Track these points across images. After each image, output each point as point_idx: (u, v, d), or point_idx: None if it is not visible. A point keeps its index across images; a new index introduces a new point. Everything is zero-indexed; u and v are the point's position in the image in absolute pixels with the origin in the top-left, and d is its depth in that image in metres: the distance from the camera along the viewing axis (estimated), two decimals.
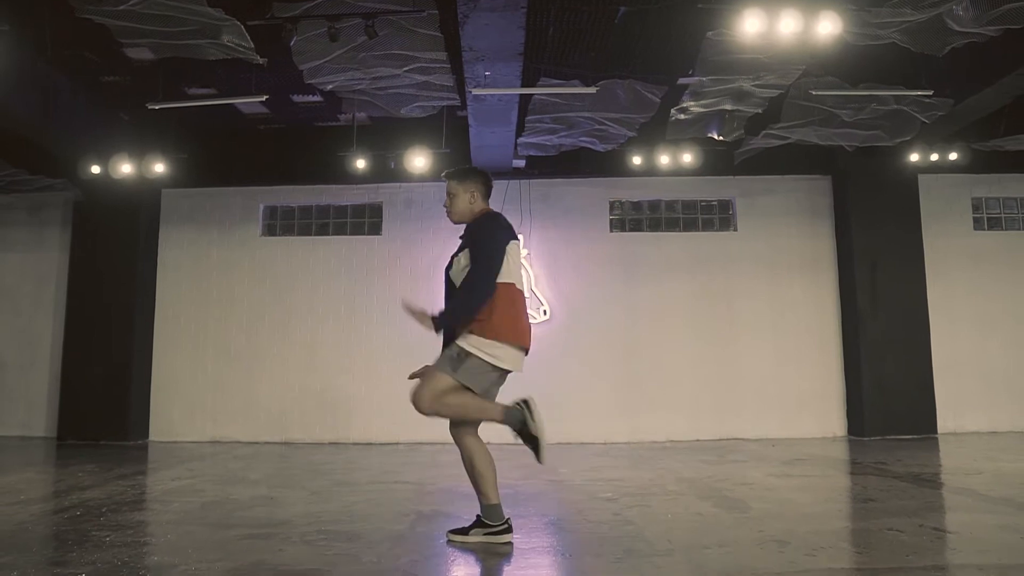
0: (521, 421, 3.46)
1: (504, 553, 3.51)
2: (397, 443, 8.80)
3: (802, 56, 5.77)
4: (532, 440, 3.47)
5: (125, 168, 7.97)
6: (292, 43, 5.36)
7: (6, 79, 6.46)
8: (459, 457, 3.68)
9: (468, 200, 3.73)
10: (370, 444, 8.79)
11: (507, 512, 3.68)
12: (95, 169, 7.98)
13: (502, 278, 3.51)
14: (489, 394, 3.57)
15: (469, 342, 3.47)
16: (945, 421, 8.91)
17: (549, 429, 3.53)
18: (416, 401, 3.49)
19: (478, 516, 3.66)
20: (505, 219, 3.74)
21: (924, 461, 6.77)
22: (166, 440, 9.17)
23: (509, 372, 3.59)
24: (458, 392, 3.47)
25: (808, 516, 4.39)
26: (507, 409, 3.49)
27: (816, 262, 9.45)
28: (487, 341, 3.46)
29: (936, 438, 8.66)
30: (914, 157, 8.18)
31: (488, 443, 3.69)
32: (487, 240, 3.57)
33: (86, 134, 7.98)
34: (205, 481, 6.01)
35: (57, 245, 9.60)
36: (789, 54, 5.71)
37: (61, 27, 6.20)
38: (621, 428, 9.09)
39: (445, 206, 3.80)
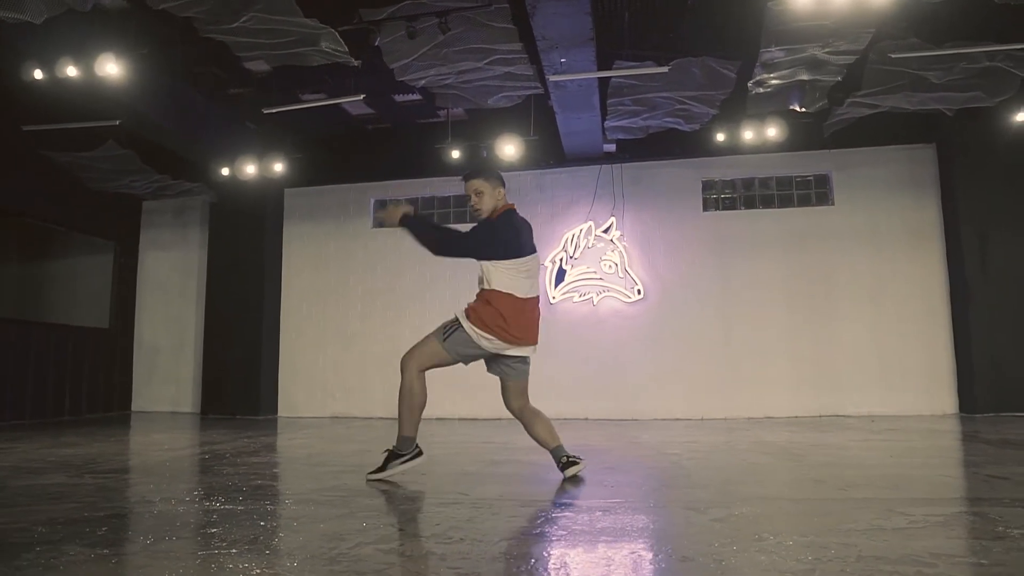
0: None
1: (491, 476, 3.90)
2: (499, 419, 9.30)
3: (868, 17, 5.75)
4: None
5: (250, 169, 8.94)
6: (377, 43, 5.96)
7: (152, 97, 7.51)
8: (561, 428, 4.23)
9: (496, 197, 4.13)
10: (475, 419, 9.35)
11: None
12: (225, 171, 9.01)
13: (503, 288, 3.99)
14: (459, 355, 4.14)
15: (467, 323, 4.05)
16: None
17: (644, 405, 3.99)
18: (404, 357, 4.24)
19: (388, 451, 4.18)
20: (520, 221, 4.12)
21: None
22: (292, 416, 10.13)
23: (493, 352, 4.08)
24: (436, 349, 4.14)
25: (863, 466, 4.48)
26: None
27: (920, 234, 9.13)
28: (478, 331, 4.02)
29: None
30: (1021, 116, 7.80)
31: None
32: (490, 236, 4.01)
33: (217, 142, 9.02)
34: (317, 440, 6.74)
35: (198, 242, 10.84)
36: (853, 17, 5.72)
37: (191, 48, 7.14)
38: (717, 404, 9.18)
39: (473, 205, 4.14)
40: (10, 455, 5.42)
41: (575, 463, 3.98)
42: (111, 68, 6.22)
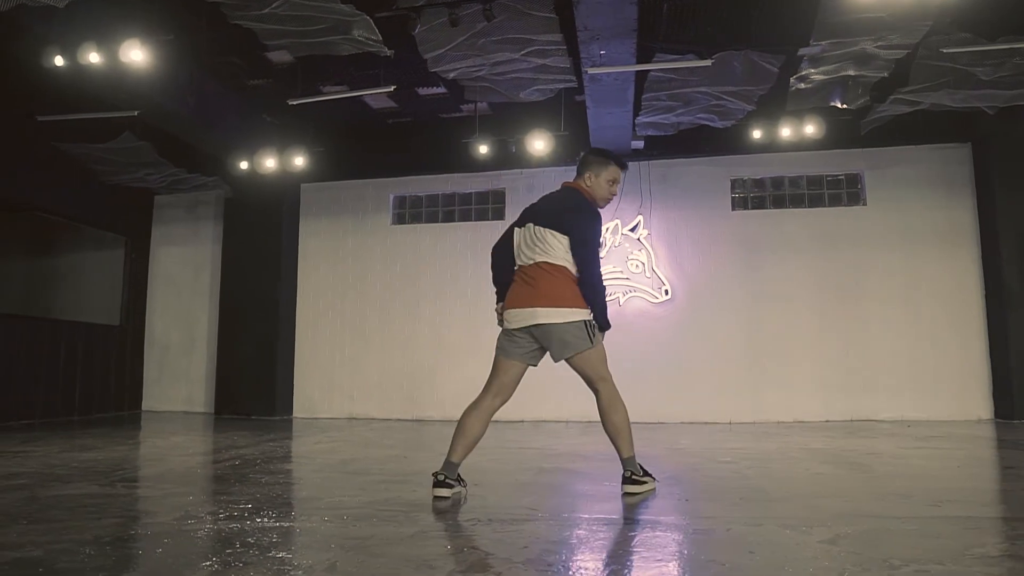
0: None
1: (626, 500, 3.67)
2: (522, 420, 9.08)
3: (928, 10, 5.53)
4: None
5: (269, 163, 8.68)
6: (416, 32, 5.72)
7: (172, 86, 7.24)
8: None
9: None
10: (495, 421, 9.08)
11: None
12: (243, 165, 8.75)
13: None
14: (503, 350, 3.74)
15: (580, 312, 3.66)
16: None
17: (671, 408, 3.71)
18: None
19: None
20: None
21: None
22: (308, 416, 9.88)
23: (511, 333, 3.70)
24: None
25: (936, 477, 4.27)
26: None
27: (955, 235, 8.93)
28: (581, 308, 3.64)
29: None
30: None
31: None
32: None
33: (234, 134, 8.76)
34: (344, 444, 6.50)
35: (211, 238, 10.57)
36: (914, 9, 5.50)
37: (213, 36, 6.88)
38: (746, 408, 8.96)
39: (615, 194, 3.89)
40: (30, 460, 5.16)
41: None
42: (136, 55, 5.96)
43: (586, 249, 3.59)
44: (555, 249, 3.61)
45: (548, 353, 3.70)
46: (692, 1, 6.57)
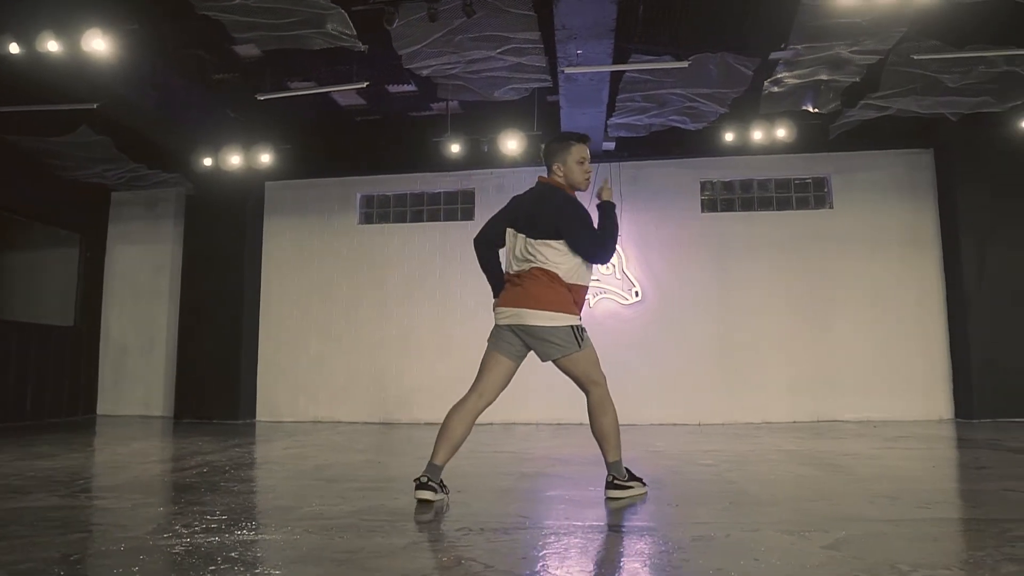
0: None
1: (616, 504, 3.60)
2: (491, 423, 8.98)
3: (904, 16, 5.59)
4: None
5: (234, 160, 8.44)
6: (394, 26, 5.59)
7: (134, 79, 6.98)
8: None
9: None
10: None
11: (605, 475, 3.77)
12: (207, 162, 8.49)
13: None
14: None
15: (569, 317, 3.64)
16: None
17: (643, 410, 3.68)
18: None
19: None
20: None
21: None
22: (272, 420, 9.64)
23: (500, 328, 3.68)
24: None
25: (917, 479, 4.30)
26: None
27: (918, 239, 9.10)
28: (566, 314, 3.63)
29: None
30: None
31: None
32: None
33: (198, 130, 8.50)
34: (314, 449, 6.32)
35: (171, 237, 10.24)
36: (890, 15, 5.56)
37: (178, 27, 6.65)
38: (715, 409, 9.00)
39: (589, 171, 3.76)
40: None
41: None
42: (97, 44, 5.71)
43: (586, 242, 3.57)
44: (549, 257, 3.57)
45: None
46: (669, 2, 6.57)
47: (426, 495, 3.49)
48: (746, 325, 9.19)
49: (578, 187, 3.72)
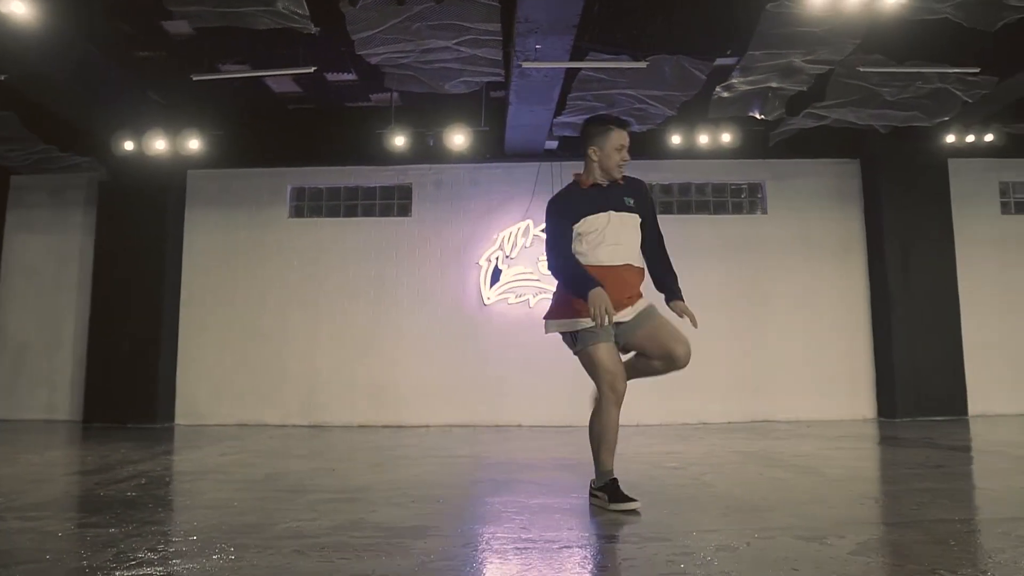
0: None
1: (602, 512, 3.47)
2: (427, 426, 8.72)
3: (859, 29, 5.74)
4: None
5: (159, 145, 7.86)
6: (359, 6, 5.28)
7: (50, 50, 6.35)
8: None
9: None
10: (400, 427, 8.69)
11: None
12: (128, 146, 7.87)
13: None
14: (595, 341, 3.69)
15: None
16: (975, 403, 8.92)
17: (581, 411, 3.67)
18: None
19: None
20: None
21: (964, 437, 6.77)
22: (193, 423, 9.04)
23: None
24: None
25: (889, 479, 4.38)
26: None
27: (846, 245, 9.45)
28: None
29: (967, 419, 8.68)
30: (950, 138, 8.20)
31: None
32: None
33: (117, 111, 7.86)
34: (253, 455, 5.93)
35: (80, 226, 9.46)
36: (846, 27, 5.69)
37: None
38: (652, 410, 9.00)
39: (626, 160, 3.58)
40: None
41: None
42: (16, 7, 5.13)
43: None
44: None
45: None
46: (622, 4, 6.51)
47: (633, 505, 3.40)
48: (683, 327, 9.26)
49: (611, 174, 3.57)
